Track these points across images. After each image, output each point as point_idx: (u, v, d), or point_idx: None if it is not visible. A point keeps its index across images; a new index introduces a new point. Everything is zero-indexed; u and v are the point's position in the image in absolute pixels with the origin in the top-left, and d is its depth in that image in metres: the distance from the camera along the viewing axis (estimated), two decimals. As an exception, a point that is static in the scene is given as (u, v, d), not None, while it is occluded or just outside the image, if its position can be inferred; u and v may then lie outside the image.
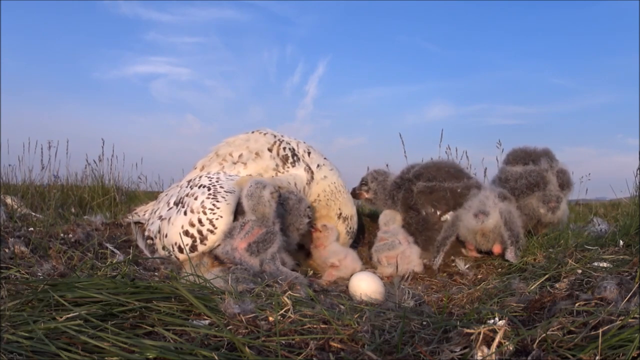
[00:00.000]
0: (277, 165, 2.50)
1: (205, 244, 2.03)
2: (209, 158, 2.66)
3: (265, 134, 2.64)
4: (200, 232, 2.04)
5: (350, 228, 2.61)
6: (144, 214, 2.92)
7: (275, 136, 2.63)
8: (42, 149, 5.53)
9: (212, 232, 2.02)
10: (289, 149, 2.58)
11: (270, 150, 2.54)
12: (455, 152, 5.13)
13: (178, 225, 2.13)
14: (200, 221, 2.05)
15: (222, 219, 2.03)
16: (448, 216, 2.43)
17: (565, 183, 2.53)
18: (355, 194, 2.86)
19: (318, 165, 2.61)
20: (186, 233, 2.07)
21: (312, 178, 2.54)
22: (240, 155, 2.53)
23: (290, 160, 2.53)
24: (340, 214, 2.57)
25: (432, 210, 2.48)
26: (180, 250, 2.08)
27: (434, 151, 5.04)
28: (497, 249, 2.30)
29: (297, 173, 2.52)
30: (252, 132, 2.68)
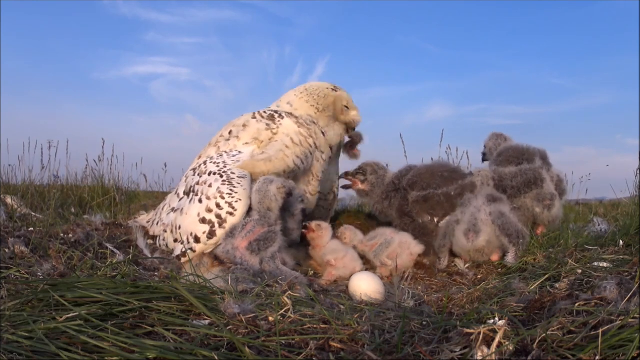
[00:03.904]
0: (268, 124, 2.53)
1: (224, 228, 2.02)
2: (205, 149, 2.72)
3: (244, 114, 2.71)
4: (219, 216, 2.04)
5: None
6: (148, 222, 2.84)
7: (253, 112, 2.71)
8: (42, 149, 5.52)
9: (231, 214, 2.03)
10: (270, 110, 2.65)
11: (254, 117, 2.60)
12: (456, 152, 5.12)
13: (193, 214, 2.11)
14: (218, 205, 2.05)
15: (242, 202, 2.05)
16: (444, 222, 2.39)
17: (562, 192, 2.53)
18: (346, 179, 2.74)
19: (288, 103, 2.72)
20: (203, 220, 2.06)
21: (295, 115, 2.61)
22: (230, 132, 2.59)
23: (277, 115, 2.58)
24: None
25: (429, 218, 2.45)
26: (197, 239, 2.06)
27: (434, 151, 5.03)
28: (495, 257, 2.30)
29: (284, 123, 2.55)
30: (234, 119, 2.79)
